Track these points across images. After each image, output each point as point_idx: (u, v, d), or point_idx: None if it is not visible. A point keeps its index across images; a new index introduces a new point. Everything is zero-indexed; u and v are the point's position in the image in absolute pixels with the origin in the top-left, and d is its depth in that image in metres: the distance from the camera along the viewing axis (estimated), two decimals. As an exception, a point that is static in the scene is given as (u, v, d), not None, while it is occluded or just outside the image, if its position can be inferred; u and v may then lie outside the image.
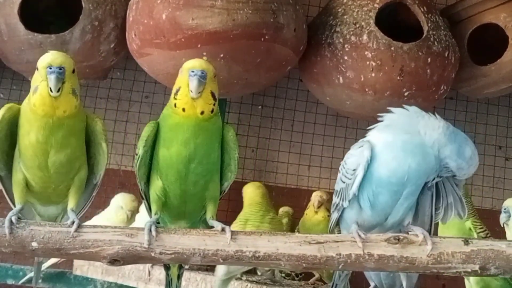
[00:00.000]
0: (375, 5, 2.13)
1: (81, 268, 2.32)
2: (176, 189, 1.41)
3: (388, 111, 1.44)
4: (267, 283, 2.09)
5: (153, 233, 1.31)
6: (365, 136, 1.46)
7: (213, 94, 1.38)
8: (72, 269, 2.37)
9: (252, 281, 2.04)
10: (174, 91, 1.38)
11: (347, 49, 2.10)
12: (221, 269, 1.89)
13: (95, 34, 2.16)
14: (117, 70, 2.67)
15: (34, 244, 1.30)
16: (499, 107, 2.73)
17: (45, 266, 2.34)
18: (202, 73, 1.35)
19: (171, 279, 1.56)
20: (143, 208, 2.23)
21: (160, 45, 2.00)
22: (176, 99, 1.37)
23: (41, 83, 1.33)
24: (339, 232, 1.53)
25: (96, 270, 2.25)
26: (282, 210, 2.44)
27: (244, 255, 1.31)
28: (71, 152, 1.38)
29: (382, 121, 1.44)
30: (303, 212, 2.31)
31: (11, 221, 1.30)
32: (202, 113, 1.36)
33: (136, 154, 1.43)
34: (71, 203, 1.42)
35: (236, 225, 1.90)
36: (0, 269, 2.43)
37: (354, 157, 1.41)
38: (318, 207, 2.23)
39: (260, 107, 2.65)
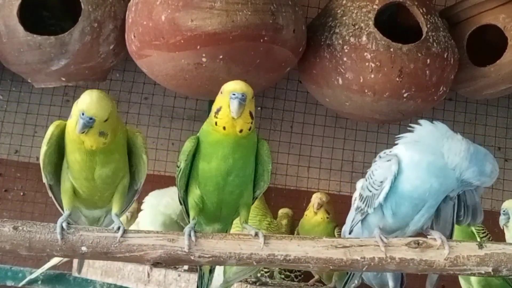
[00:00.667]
0: (374, 6, 2.13)
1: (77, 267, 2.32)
2: (213, 198, 1.52)
3: (415, 125, 1.51)
4: (267, 284, 2.09)
5: (193, 238, 1.42)
6: (394, 144, 1.52)
7: (251, 114, 1.47)
8: (71, 270, 2.37)
9: (252, 282, 2.04)
10: (214, 109, 1.46)
11: (346, 50, 2.10)
12: (217, 280, 1.91)
13: (94, 36, 2.16)
14: (116, 72, 2.67)
15: (84, 248, 1.40)
16: (498, 108, 2.74)
17: (44, 267, 2.35)
18: (243, 95, 1.43)
19: (203, 274, 1.66)
20: (145, 206, 2.23)
21: (159, 46, 2.00)
22: (217, 117, 1.45)
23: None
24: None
25: (95, 272, 2.25)
26: (282, 211, 2.44)
27: (276, 258, 1.42)
28: (115, 166, 1.50)
29: (411, 131, 1.51)
30: (302, 213, 2.31)
31: (62, 227, 1.40)
32: (241, 131, 1.45)
33: (178, 167, 1.52)
34: (115, 208, 1.53)
35: (233, 230, 1.91)
36: (0, 271, 2.43)
37: (382, 170, 1.49)
38: (318, 209, 2.23)
39: (259, 108, 2.65)
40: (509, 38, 2.20)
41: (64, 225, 1.41)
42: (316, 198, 2.26)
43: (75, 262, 2.31)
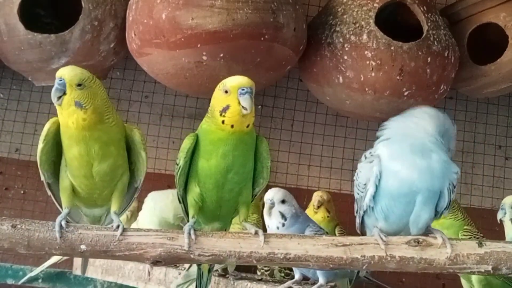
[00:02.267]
0: (375, 4, 2.12)
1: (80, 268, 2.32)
2: (213, 196, 1.51)
3: (383, 125, 1.53)
4: (267, 282, 2.09)
5: (192, 236, 1.41)
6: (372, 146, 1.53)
7: (256, 106, 1.47)
8: (72, 269, 2.37)
9: (252, 280, 2.04)
10: (220, 109, 1.43)
11: (347, 49, 2.10)
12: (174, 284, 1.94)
13: (94, 34, 2.16)
14: (117, 70, 2.66)
15: (83, 246, 1.39)
16: (499, 106, 2.73)
17: (45, 266, 2.35)
18: (251, 89, 1.43)
19: (202, 273, 1.65)
20: (145, 205, 2.23)
21: (159, 44, 2.00)
22: (224, 116, 1.42)
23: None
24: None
25: (96, 270, 2.25)
26: (282, 210, 2.43)
27: (276, 257, 1.42)
28: (113, 161, 1.47)
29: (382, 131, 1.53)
30: (303, 212, 2.31)
31: (61, 225, 1.39)
32: (247, 126, 1.45)
33: (177, 164, 1.51)
34: (114, 206, 1.52)
35: (232, 229, 1.91)
36: (0, 269, 2.43)
37: (364, 172, 1.49)
38: (318, 207, 2.23)
39: (259, 106, 2.65)
40: (510, 37, 2.20)
41: (63, 223, 1.40)
42: (316, 197, 2.26)
43: (76, 260, 2.31)
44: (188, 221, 1.53)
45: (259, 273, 2.27)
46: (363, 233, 1.60)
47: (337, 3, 2.21)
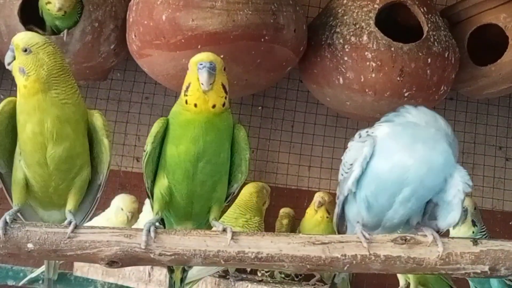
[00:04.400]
0: (375, 5, 2.12)
1: (81, 269, 2.32)
2: (183, 189, 1.38)
3: (399, 109, 1.40)
4: (267, 283, 2.09)
5: (152, 234, 1.29)
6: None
7: (224, 87, 1.35)
8: (72, 270, 2.37)
9: (252, 281, 2.04)
10: (184, 88, 1.36)
11: (347, 50, 2.10)
12: None
13: (95, 35, 2.16)
14: (117, 71, 2.67)
15: (30, 245, 1.28)
16: (499, 107, 2.73)
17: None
18: (211, 64, 1.32)
19: (174, 282, 1.53)
20: (146, 207, 2.23)
21: (160, 46, 2.00)
22: (187, 95, 1.34)
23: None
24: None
25: (96, 271, 2.25)
26: (283, 211, 2.44)
27: (246, 256, 1.29)
28: (69, 146, 1.35)
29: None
30: (303, 213, 2.31)
31: (5, 222, 1.28)
32: (213, 106, 1.33)
33: (144, 151, 1.39)
34: (69, 205, 1.39)
35: None
36: (1, 270, 2.42)
37: (354, 151, 1.37)
38: (319, 207, 2.24)
39: (260, 108, 2.65)
40: (510, 38, 2.20)
41: (8, 219, 1.28)
42: (317, 197, 2.26)
43: (76, 262, 2.31)
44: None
45: (259, 274, 2.27)
46: (340, 230, 1.48)
47: (337, 4, 2.21)
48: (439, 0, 2.57)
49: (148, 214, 2.21)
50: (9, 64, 1.36)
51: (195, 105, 1.33)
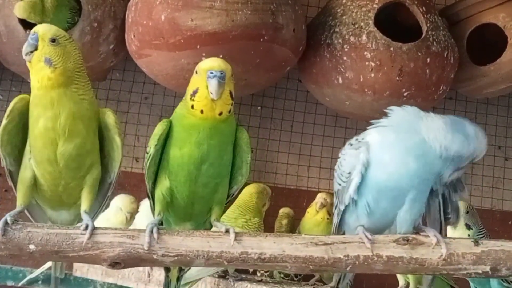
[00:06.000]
0: (374, 5, 2.12)
1: (80, 269, 2.31)
2: (185, 191, 1.38)
3: (387, 112, 1.39)
4: (267, 283, 2.09)
5: (155, 235, 1.28)
6: (364, 131, 1.40)
7: (231, 94, 1.33)
8: (72, 270, 2.36)
9: (252, 282, 2.04)
10: (190, 91, 1.34)
11: (346, 50, 2.10)
12: None
13: (94, 35, 2.16)
14: (116, 71, 2.66)
15: (32, 246, 1.27)
16: (498, 107, 2.73)
17: (44, 267, 2.34)
18: (222, 73, 1.30)
19: (170, 281, 1.52)
20: (142, 207, 2.23)
21: (159, 46, 2.00)
22: (193, 100, 1.32)
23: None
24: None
25: (96, 272, 2.25)
26: (283, 211, 2.44)
27: (250, 257, 1.29)
28: (80, 143, 1.33)
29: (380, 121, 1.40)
30: (302, 213, 2.31)
31: (6, 222, 1.26)
32: (220, 114, 1.32)
33: (147, 153, 1.38)
34: (84, 205, 1.37)
35: None
36: (0, 271, 2.42)
37: (350, 159, 1.36)
38: (320, 208, 2.24)
39: (259, 107, 2.65)
40: (509, 37, 2.20)
41: (9, 219, 1.27)
42: (320, 198, 2.26)
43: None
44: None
45: (258, 274, 2.27)
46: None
47: (336, 4, 2.21)
48: (438, 0, 2.57)
49: (144, 215, 2.21)
50: (27, 54, 1.30)
51: (202, 111, 1.32)
